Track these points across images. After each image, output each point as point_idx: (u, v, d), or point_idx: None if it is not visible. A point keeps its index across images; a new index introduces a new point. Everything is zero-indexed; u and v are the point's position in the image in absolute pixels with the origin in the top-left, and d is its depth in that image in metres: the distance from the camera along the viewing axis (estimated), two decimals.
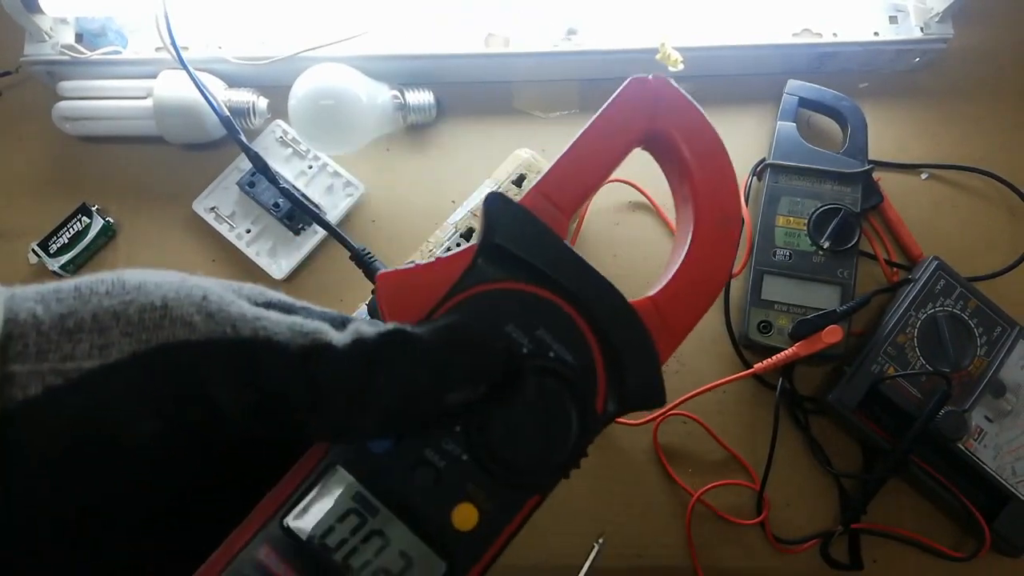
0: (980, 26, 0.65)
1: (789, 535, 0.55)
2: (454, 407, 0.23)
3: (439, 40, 0.61)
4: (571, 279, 0.25)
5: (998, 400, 0.55)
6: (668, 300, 0.26)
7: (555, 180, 0.27)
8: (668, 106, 0.28)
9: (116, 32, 0.61)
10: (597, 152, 0.28)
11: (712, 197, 0.27)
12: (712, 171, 0.28)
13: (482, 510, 0.24)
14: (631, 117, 0.28)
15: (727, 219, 0.27)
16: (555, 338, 0.25)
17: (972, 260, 0.59)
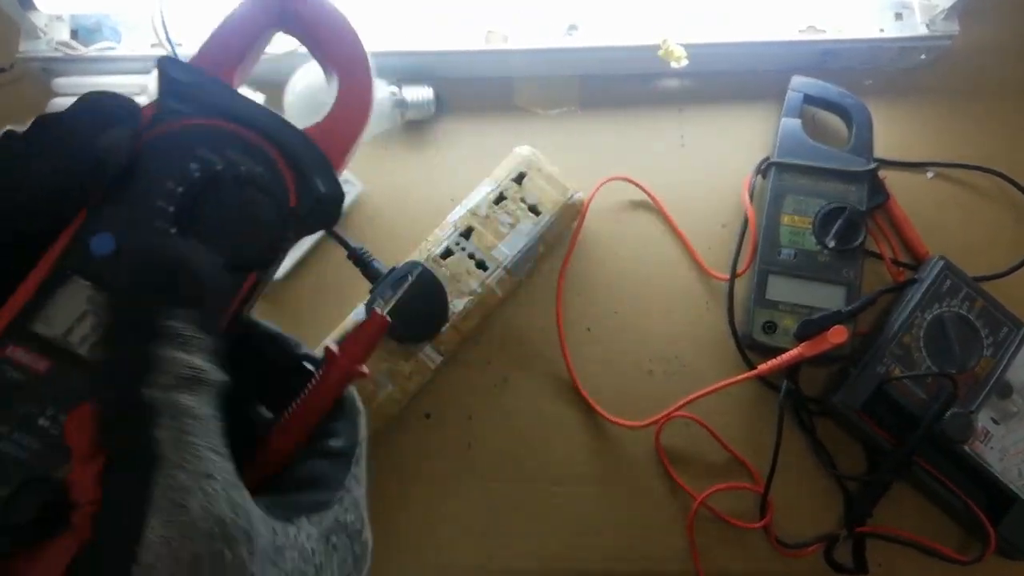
0: (986, 23, 0.65)
1: (793, 539, 0.54)
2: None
3: (438, 36, 0.60)
4: (247, 112, 0.30)
5: (1004, 401, 0.54)
6: (328, 129, 0.32)
7: (213, 46, 0.33)
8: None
9: (111, 28, 0.60)
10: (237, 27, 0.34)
11: (344, 58, 0.34)
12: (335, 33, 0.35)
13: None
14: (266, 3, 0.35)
15: (358, 70, 0.34)
16: (244, 155, 0.29)
17: (978, 259, 0.59)
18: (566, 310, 0.58)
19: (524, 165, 0.56)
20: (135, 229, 0.27)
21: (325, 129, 0.32)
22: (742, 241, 0.59)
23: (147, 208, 0.27)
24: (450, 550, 0.54)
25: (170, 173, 0.28)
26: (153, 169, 0.28)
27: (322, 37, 0.35)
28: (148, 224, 0.27)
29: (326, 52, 0.35)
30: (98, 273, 0.26)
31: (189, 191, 0.28)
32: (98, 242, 0.27)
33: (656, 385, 0.57)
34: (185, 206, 0.28)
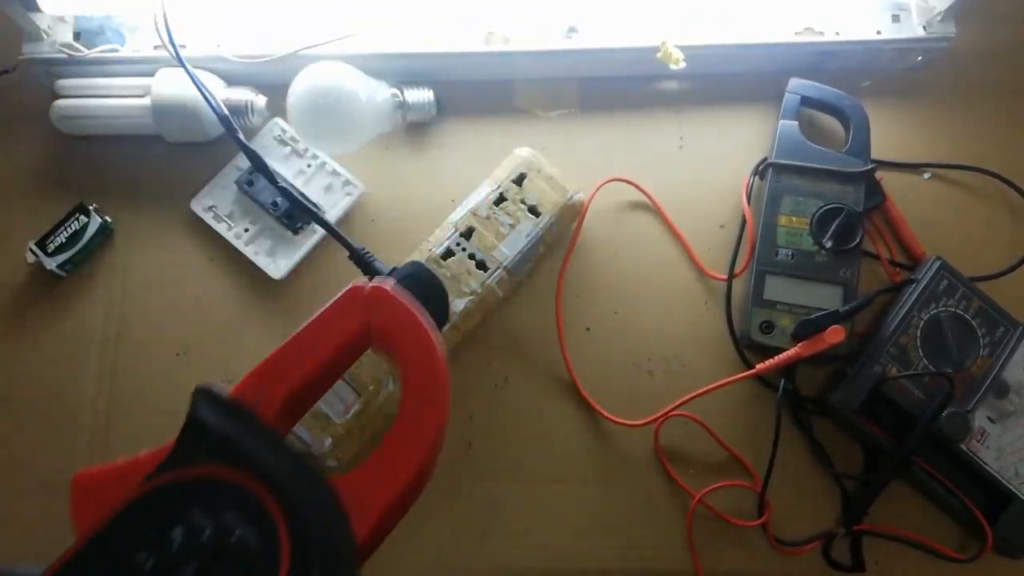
0: (983, 25, 0.65)
1: (791, 537, 0.54)
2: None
3: (439, 38, 0.60)
4: (265, 460, 0.25)
5: (1001, 401, 0.54)
6: (365, 479, 0.27)
7: (270, 368, 0.29)
8: (380, 308, 0.31)
9: (114, 30, 0.61)
10: (314, 344, 0.30)
11: (420, 388, 0.29)
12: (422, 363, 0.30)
13: None
14: (346, 317, 0.31)
15: (430, 401, 0.29)
16: (243, 521, 0.25)
17: (975, 260, 0.59)
18: (566, 310, 0.58)
19: (524, 166, 0.57)
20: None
21: (360, 478, 0.27)
22: (740, 241, 0.59)
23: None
24: (450, 550, 0.54)
25: (143, 543, 0.24)
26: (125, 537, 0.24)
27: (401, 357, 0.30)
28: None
29: (403, 373, 0.31)
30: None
31: (161, 568, 0.23)
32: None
33: (655, 385, 0.57)
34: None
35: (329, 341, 0.31)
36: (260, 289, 0.58)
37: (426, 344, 0.31)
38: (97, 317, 0.58)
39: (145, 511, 0.25)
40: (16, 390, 0.57)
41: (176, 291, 0.59)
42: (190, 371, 0.57)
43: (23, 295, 0.59)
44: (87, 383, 0.57)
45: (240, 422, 0.27)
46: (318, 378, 0.31)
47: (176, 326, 0.58)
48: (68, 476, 0.54)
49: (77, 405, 0.56)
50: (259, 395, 0.29)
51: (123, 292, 0.59)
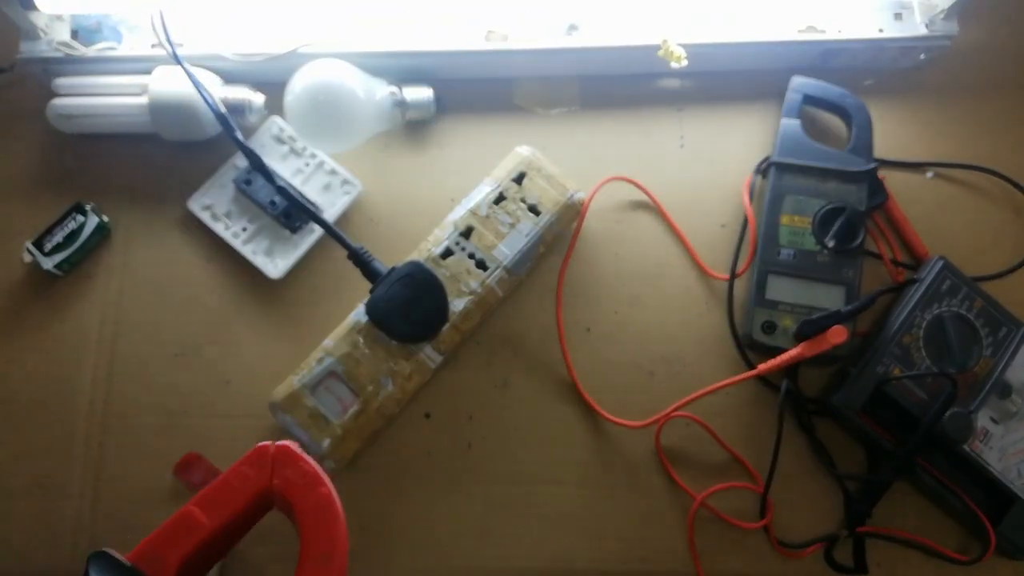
0: (985, 23, 0.65)
1: (793, 539, 0.54)
2: None
3: (438, 36, 0.60)
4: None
5: (1004, 401, 0.54)
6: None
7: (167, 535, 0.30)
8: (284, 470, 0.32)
9: (111, 28, 0.60)
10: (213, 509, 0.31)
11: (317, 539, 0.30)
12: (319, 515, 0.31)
13: None
14: (248, 481, 0.31)
15: (330, 556, 0.30)
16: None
17: (978, 259, 0.59)
18: (566, 310, 0.58)
19: (524, 165, 0.56)
20: None
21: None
22: (742, 241, 0.59)
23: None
24: (450, 550, 0.54)
25: None
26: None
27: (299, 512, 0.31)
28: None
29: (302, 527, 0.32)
30: None
31: None
32: None
33: (656, 385, 0.57)
34: None
35: (228, 506, 0.31)
36: (258, 289, 0.58)
37: (325, 498, 0.32)
38: (94, 317, 0.58)
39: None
40: (12, 390, 0.56)
41: (173, 291, 0.58)
42: (187, 371, 0.56)
43: (20, 295, 0.58)
44: (84, 383, 0.56)
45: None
46: (217, 541, 0.31)
47: (173, 326, 0.58)
48: (64, 477, 0.54)
49: (73, 405, 0.56)
50: (155, 562, 0.29)
51: (120, 291, 0.59)
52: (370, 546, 0.53)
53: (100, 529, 0.53)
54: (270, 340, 0.57)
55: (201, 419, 0.56)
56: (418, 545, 0.54)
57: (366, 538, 0.53)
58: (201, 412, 0.56)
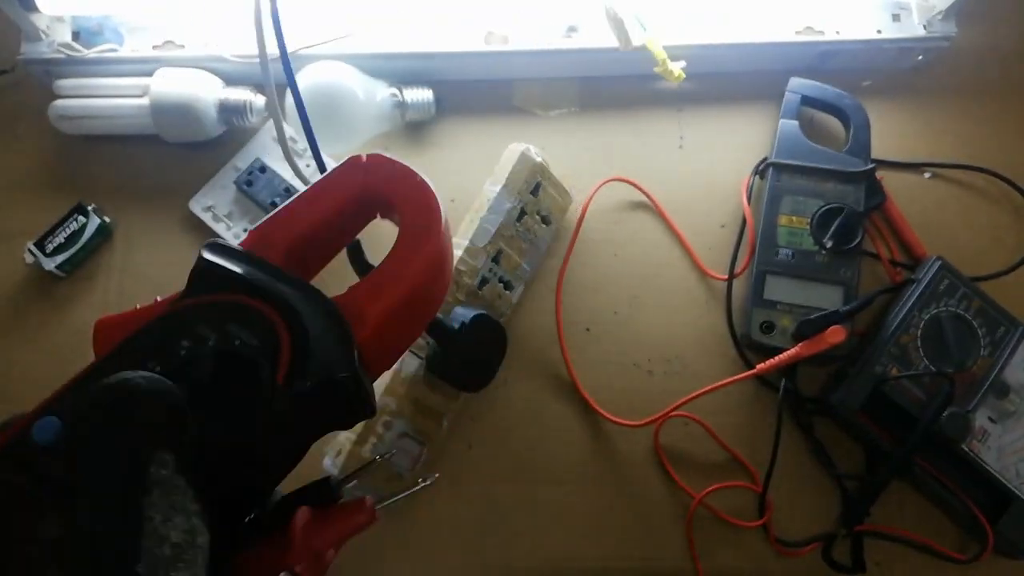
0: (983, 24, 0.65)
1: (791, 537, 0.54)
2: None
3: (438, 37, 0.60)
4: (265, 282, 0.28)
5: (1001, 401, 0.54)
6: (362, 292, 0.30)
7: (273, 223, 0.31)
8: (377, 170, 0.34)
9: (113, 30, 0.61)
10: (314, 203, 0.32)
11: (415, 216, 0.32)
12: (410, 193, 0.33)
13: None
14: (345, 179, 0.33)
15: (424, 226, 0.32)
16: (242, 328, 0.27)
17: (976, 260, 0.59)
18: (566, 310, 0.58)
19: (537, 173, 0.55)
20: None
21: (359, 290, 0.29)
22: (740, 241, 0.59)
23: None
24: (450, 550, 0.54)
25: (151, 354, 0.26)
26: (134, 352, 0.26)
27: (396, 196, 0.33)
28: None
29: (399, 209, 0.33)
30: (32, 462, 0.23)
31: (167, 372, 0.26)
32: (42, 427, 0.24)
33: (655, 385, 0.57)
34: None
35: (328, 201, 0.33)
36: None
37: (418, 182, 0.33)
38: (95, 318, 0.58)
39: (153, 333, 0.27)
40: (14, 391, 0.57)
41: (174, 292, 0.58)
42: None
43: (22, 296, 0.59)
44: None
45: (246, 261, 0.29)
46: (320, 235, 0.32)
47: None
48: None
49: None
50: (264, 244, 0.30)
51: (121, 292, 0.59)
52: (369, 547, 0.53)
53: None
54: None
55: None
56: (418, 545, 0.54)
57: (366, 538, 0.53)
58: None
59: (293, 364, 0.27)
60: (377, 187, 0.33)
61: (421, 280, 0.30)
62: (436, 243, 0.31)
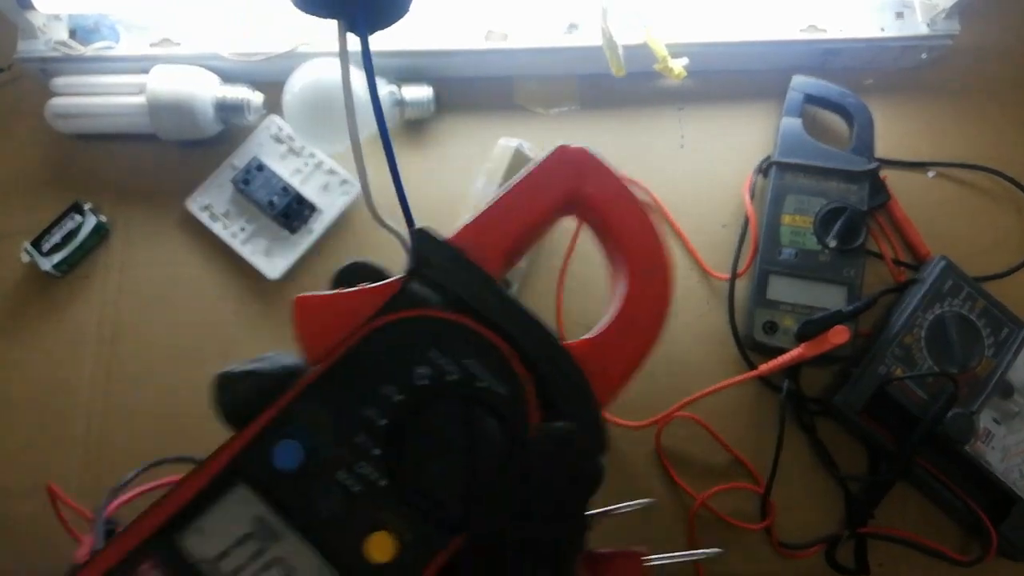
0: (987, 22, 0.64)
1: (794, 539, 0.54)
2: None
3: (438, 34, 0.60)
4: (501, 314, 0.25)
5: (1006, 402, 0.54)
6: (603, 345, 0.27)
7: (481, 226, 0.28)
8: (589, 173, 0.30)
9: (109, 28, 0.60)
10: (520, 206, 0.29)
11: (638, 252, 0.29)
12: (635, 228, 0.29)
13: (402, 542, 0.22)
14: (553, 180, 0.29)
15: (655, 269, 0.29)
16: (485, 368, 0.24)
17: (980, 259, 0.58)
18: (566, 310, 0.57)
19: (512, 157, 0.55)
20: (330, 443, 0.22)
21: (599, 345, 0.27)
22: (743, 241, 0.58)
23: (352, 417, 0.23)
24: None
25: (388, 376, 0.24)
26: (371, 368, 0.23)
27: (614, 225, 0.29)
28: (347, 438, 0.22)
29: (617, 243, 0.30)
30: (274, 490, 0.21)
31: (407, 403, 0.23)
32: (283, 452, 0.22)
33: (656, 385, 0.57)
34: (399, 420, 0.23)
35: (542, 200, 0.30)
36: (256, 289, 0.58)
37: (640, 216, 0.30)
38: (92, 317, 0.58)
39: (383, 345, 0.24)
40: (10, 391, 0.56)
41: (172, 291, 0.58)
42: (185, 372, 0.56)
43: (18, 295, 0.58)
44: (82, 384, 0.56)
45: (466, 270, 0.26)
46: (529, 236, 0.30)
47: (171, 327, 0.57)
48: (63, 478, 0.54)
49: (71, 406, 0.56)
50: (480, 245, 0.28)
51: (118, 292, 0.58)
52: None
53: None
54: (268, 341, 0.57)
55: (199, 420, 0.55)
56: None
57: None
58: (199, 413, 0.55)
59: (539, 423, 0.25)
60: (590, 198, 0.30)
61: (660, 330, 0.28)
62: (671, 288, 0.29)
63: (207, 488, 0.22)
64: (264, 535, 0.21)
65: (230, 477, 0.22)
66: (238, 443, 0.22)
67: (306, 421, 0.22)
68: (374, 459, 0.22)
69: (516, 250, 0.29)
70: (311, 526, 0.21)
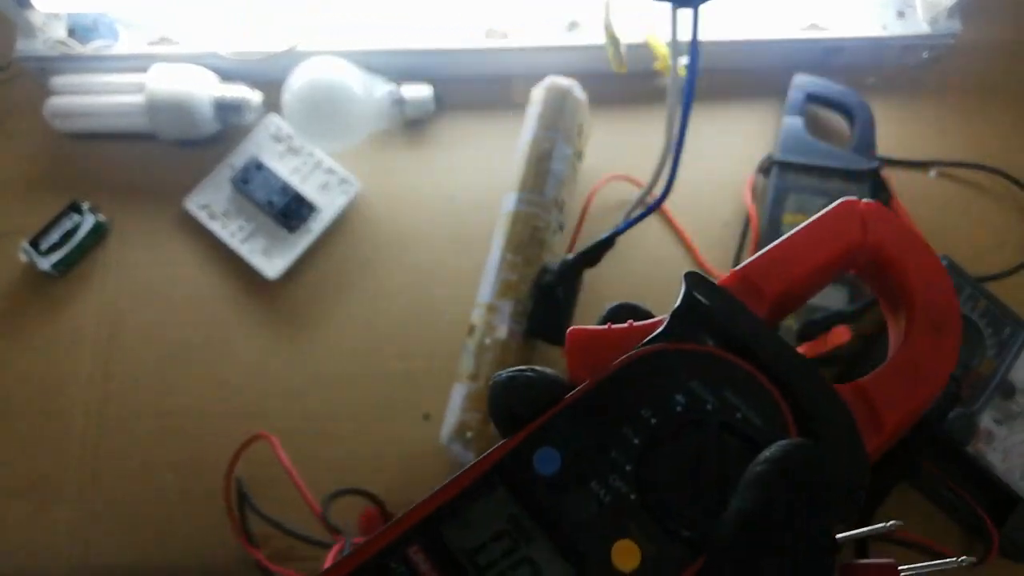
0: (989, 21, 0.64)
1: None
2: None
3: (437, 33, 0.60)
4: (768, 353, 0.25)
5: (1007, 402, 0.54)
6: (876, 388, 0.26)
7: (757, 268, 0.28)
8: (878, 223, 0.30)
9: (108, 27, 0.60)
10: (802, 251, 0.29)
11: (929, 307, 0.28)
12: (931, 285, 0.28)
13: (645, 554, 0.22)
14: (841, 228, 0.29)
15: (944, 325, 0.28)
16: (744, 402, 0.24)
17: (981, 259, 0.58)
18: None
19: (581, 114, 0.55)
20: (586, 450, 0.24)
21: (873, 387, 0.26)
22: (744, 240, 0.58)
23: (609, 433, 0.24)
24: None
25: (647, 400, 0.24)
26: (631, 392, 0.25)
27: (909, 276, 0.28)
28: (603, 452, 0.24)
29: (909, 296, 0.29)
30: (529, 493, 0.23)
31: (663, 425, 0.24)
32: (543, 458, 0.24)
33: None
34: (653, 441, 0.24)
35: (823, 250, 0.29)
36: (255, 289, 0.58)
37: (936, 264, 0.29)
38: (90, 317, 0.58)
39: (645, 372, 0.25)
40: (8, 391, 0.56)
41: (170, 291, 0.58)
42: (184, 371, 0.56)
43: (16, 295, 0.58)
44: (80, 384, 0.56)
45: (734, 309, 0.26)
46: (804, 286, 0.30)
47: (170, 326, 0.57)
48: (61, 478, 0.54)
49: (69, 406, 0.56)
50: (749, 288, 0.27)
51: (116, 292, 0.58)
52: None
53: (97, 530, 0.53)
54: (267, 340, 0.57)
55: (197, 419, 0.55)
56: None
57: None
58: (198, 412, 0.55)
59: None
60: (878, 247, 0.29)
61: (943, 385, 0.27)
62: (958, 348, 0.28)
63: (470, 487, 0.23)
64: (517, 534, 0.23)
65: (493, 478, 0.24)
66: (503, 448, 0.24)
67: (567, 433, 0.24)
68: (626, 474, 0.23)
69: (790, 295, 0.29)
70: (561, 529, 0.23)
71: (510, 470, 0.24)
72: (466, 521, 0.23)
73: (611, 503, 0.23)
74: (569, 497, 0.23)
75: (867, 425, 0.25)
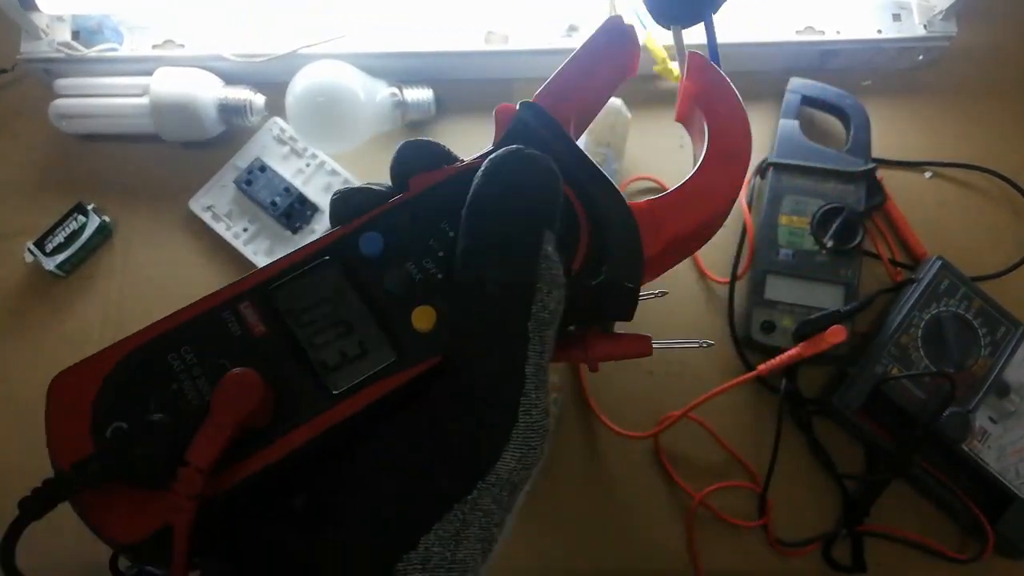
0: (984, 24, 0.65)
1: (791, 537, 0.54)
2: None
3: (438, 37, 0.60)
4: (577, 170, 0.28)
5: (1002, 401, 0.54)
6: (664, 205, 0.29)
7: (555, 92, 0.31)
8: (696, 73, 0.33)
9: (112, 29, 0.60)
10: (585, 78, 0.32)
11: (723, 136, 0.32)
12: (727, 116, 0.33)
13: (440, 315, 0.26)
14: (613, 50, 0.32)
15: (734, 154, 0.31)
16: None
17: (976, 259, 0.59)
18: None
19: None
20: (406, 239, 0.27)
21: (661, 205, 0.29)
22: (742, 243, 0.59)
23: (429, 226, 0.27)
24: None
25: (447, 216, 0.27)
26: (451, 197, 0.27)
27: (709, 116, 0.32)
28: (421, 240, 0.27)
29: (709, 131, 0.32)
30: (355, 270, 0.27)
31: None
32: (368, 240, 0.27)
33: (656, 386, 0.57)
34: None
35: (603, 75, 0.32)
36: None
37: (739, 107, 0.33)
38: (95, 317, 0.58)
39: (466, 181, 0.27)
40: (14, 391, 0.57)
41: (174, 291, 0.58)
42: None
43: (21, 296, 0.59)
44: None
45: (558, 136, 0.29)
46: (592, 107, 0.33)
47: None
48: None
49: None
50: (555, 112, 0.30)
51: (121, 292, 0.59)
52: None
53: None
54: None
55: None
56: None
57: None
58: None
59: (588, 258, 0.27)
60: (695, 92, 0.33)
61: (722, 208, 0.30)
62: (744, 173, 0.31)
63: (301, 261, 0.27)
64: (338, 301, 0.26)
65: (322, 255, 0.27)
66: (335, 234, 0.27)
67: (392, 223, 0.27)
68: (439, 259, 0.27)
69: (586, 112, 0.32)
70: (375, 299, 0.26)
71: (339, 249, 0.27)
72: (296, 289, 0.27)
73: (421, 280, 0.27)
74: (386, 273, 0.27)
75: (649, 233, 0.28)
